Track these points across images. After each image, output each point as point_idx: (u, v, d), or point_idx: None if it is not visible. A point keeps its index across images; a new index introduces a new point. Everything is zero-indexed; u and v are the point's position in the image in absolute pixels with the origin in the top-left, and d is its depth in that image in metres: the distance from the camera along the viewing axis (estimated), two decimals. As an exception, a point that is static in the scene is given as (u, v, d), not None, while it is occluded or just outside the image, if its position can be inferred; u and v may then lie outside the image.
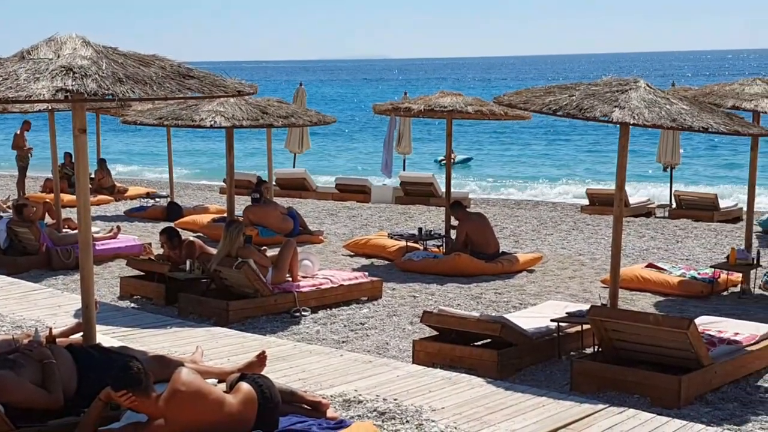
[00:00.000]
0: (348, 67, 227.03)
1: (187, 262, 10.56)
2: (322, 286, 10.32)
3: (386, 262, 13.26)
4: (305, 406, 5.84)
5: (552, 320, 8.23)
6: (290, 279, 10.29)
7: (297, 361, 7.57)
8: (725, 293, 11.29)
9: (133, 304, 10.46)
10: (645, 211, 19.81)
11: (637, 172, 30.32)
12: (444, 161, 34.66)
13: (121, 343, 7.22)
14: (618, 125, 7.76)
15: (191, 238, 11.40)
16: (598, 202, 19.98)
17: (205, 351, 7.45)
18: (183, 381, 5.22)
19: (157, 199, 19.32)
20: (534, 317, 8.61)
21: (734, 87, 11.16)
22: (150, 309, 10.11)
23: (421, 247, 13.36)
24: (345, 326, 9.46)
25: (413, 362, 7.89)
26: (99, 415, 5.40)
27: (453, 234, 13.37)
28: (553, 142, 45.56)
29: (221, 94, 6.60)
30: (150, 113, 11.66)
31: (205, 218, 16.15)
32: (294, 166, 25.06)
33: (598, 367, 7.30)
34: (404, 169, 24.48)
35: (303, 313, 9.86)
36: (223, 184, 19.96)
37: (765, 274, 11.48)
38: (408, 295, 10.96)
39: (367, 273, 11.19)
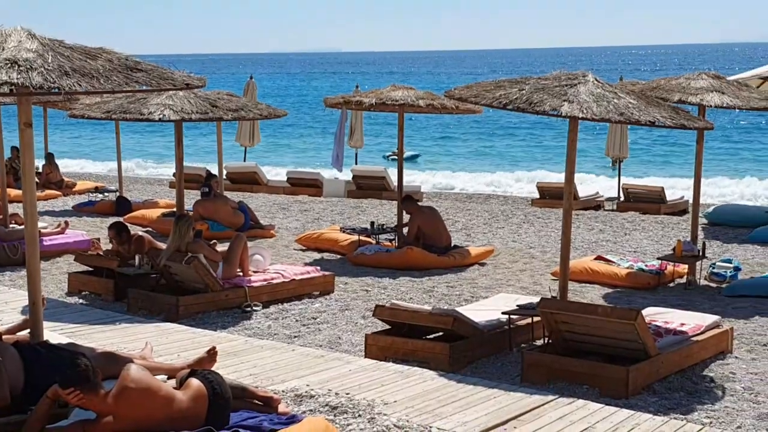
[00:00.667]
0: (299, 60, 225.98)
1: (136, 258, 10.46)
2: (274, 281, 10.29)
3: (338, 256, 13.25)
4: (256, 402, 5.82)
5: (503, 313, 8.29)
6: (241, 274, 10.24)
7: (248, 357, 7.54)
8: (672, 284, 11.47)
9: (81, 300, 10.32)
10: (594, 204, 20.06)
11: (586, 166, 30.63)
12: (391, 157, 34.94)
13: (69, 340, 7.13)
14: (567, 119, 7.83)
15: (140, 233, 11.28)
16: (549, 196, 20.16)
17: (155, 347, 7.39)
18: (132, 378, 5.17)
19: (106, 194, 19.11)
20: (485, 310, 8.67)
21: (680, 81, 11.32)
22: (98, 305, 9.98)
23: (374, 241, 13.38)
24: (297, 321, 9.43)
25: (365, 356, 7.90)
26: (46, 413, 5.34)
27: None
28: (502, 136, 45.81)
29: (170, 87, 6.54)
30: (98, 107, 11.51)
31: (154, 213, 16.01)
32: (245, 160, 24.91)
33: (548, 359, 7.37)
34: (356, 163, 24.46)
35: (254, 308, 9.81)
36: (173, 178, 19.78)
37: (710, 266, 11.68)
38: (360, 289, 10.96)
39: (319, 267, 11.16)
